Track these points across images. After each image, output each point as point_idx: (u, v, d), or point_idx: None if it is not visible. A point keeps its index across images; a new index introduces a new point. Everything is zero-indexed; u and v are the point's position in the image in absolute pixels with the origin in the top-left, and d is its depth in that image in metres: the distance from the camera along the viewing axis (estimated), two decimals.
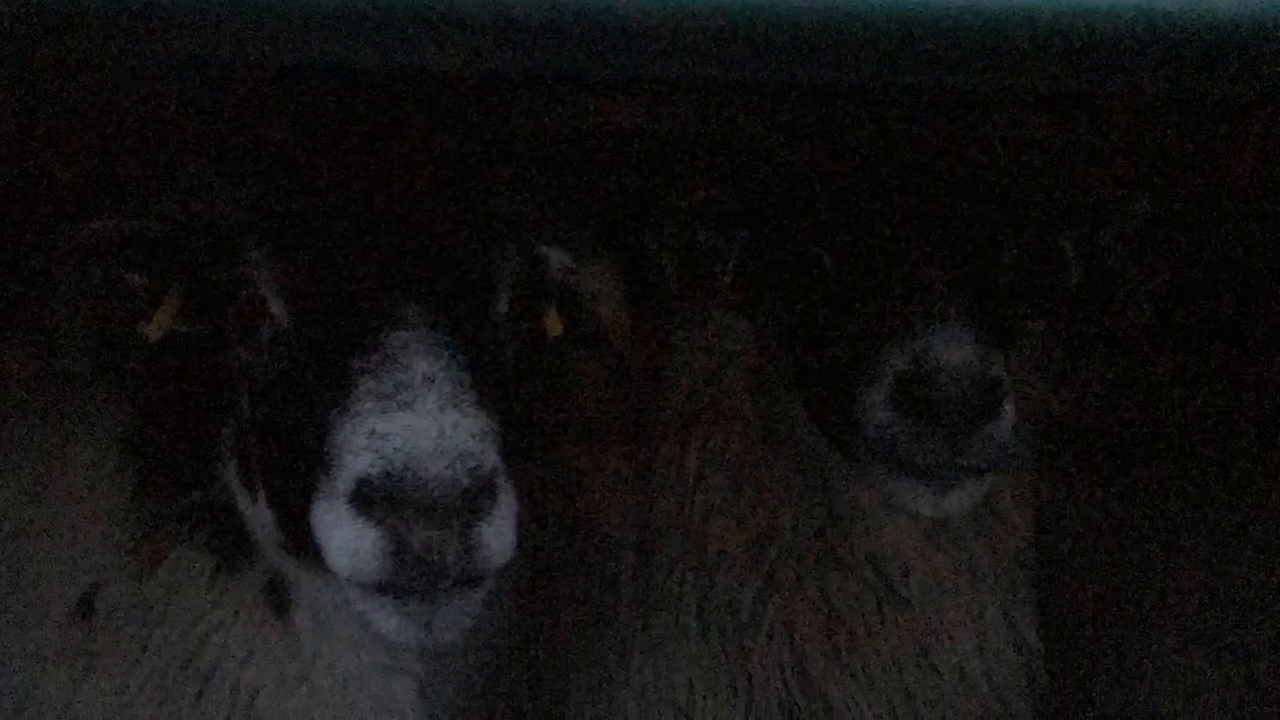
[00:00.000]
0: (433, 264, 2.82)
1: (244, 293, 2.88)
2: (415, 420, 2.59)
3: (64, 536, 3.21)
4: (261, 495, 2.91)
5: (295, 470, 2.74)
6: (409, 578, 2.59)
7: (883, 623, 3.61)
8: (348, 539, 2.60)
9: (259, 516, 2.97)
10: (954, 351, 3.08)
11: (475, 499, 2.57)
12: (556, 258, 3.11)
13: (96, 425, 3.23)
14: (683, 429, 3.67)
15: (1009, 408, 3.12)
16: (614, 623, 3.67)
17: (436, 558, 2.56)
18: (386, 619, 2.68)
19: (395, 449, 2.56)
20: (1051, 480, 3.88)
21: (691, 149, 3.59)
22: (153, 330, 2.95)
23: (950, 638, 3.64)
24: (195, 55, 2.74)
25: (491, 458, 2.61)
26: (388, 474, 2.55)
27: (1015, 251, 3.36)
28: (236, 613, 3.13)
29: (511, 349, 2.99)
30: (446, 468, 2.55)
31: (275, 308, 2.85)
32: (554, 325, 3.12)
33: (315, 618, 3.11)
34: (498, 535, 2.62)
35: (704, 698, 3.61)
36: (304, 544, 2.74)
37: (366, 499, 2.57)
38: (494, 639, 3.33)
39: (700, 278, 3.56)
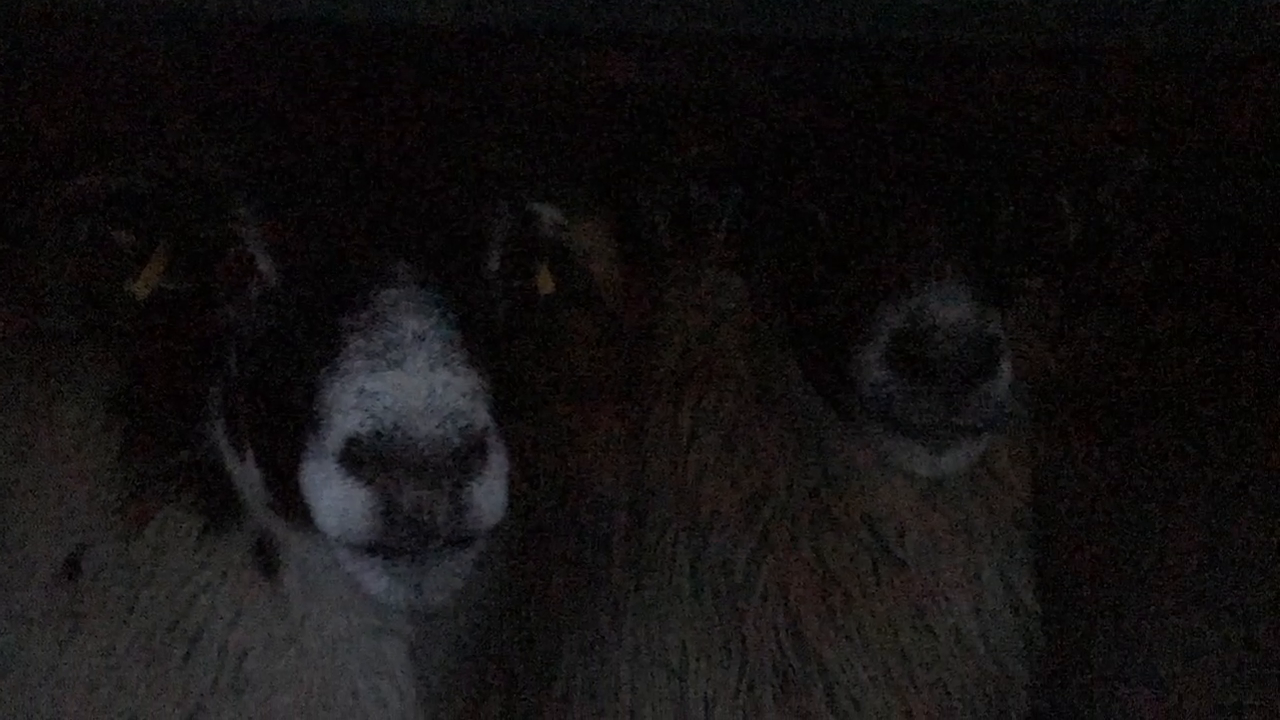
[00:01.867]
0: (423, 221, 2.80)
1: (232, 250, 2.85)
2: (405, 379, 2.57)
3: (50, 496, 3.20)
4: (250, 455, 2.89)
5: (284, 429, 2.71)
6: (399, 538, 2.57)
7: (878, 584, 3.60)
8: (337, 499, 2.58)
9: (247, 476, 2.95)
10: (950, 309, 3.06)
11: (466, 458, 2.55)
12: (548, 214, 3.08)
13: (83, 384, 3.22)
14: (676, 388, 3.66)
15: (1006, 366, 3.10)
16: (606, 584, 3.67)
17: (427, 518, 2.54)
18: (376, 580, 2.66)
19: (385, 408, 2.54)
20: (1049, 440, 3.88)
21: (685, 104, 3.57)
22: (140, 288, 2.93)
23: (946, 599, 3.63)
24: (184, 9, 2.72)
25: (482, 417, 2.58)
26: (377, 433, 2.53)
27: (1012, 208, 3.34)
28: (224, 573, 3.12)
29: (503, 307, 2.97)
30: (437, 427, 2.52)
31: (264, 265, 2.82)
32: (545, 283, 3.10)
33: (304, 579, 3.09)
34: (489, 495, 2.60)
35: (697, 659, 3.61)
36: (293, 504, 2.72)
37: (356, 458, 2.55)
38: (485, 600, 3.32)
39: (693, 235, 3.55)
